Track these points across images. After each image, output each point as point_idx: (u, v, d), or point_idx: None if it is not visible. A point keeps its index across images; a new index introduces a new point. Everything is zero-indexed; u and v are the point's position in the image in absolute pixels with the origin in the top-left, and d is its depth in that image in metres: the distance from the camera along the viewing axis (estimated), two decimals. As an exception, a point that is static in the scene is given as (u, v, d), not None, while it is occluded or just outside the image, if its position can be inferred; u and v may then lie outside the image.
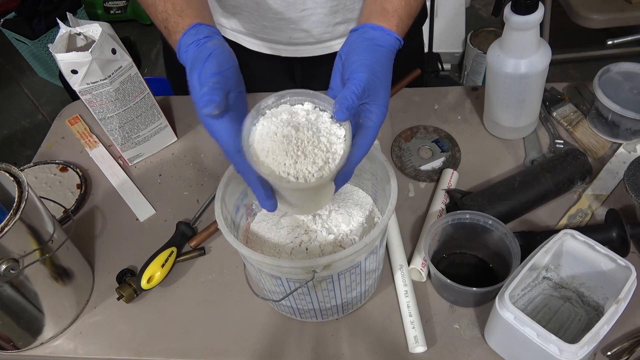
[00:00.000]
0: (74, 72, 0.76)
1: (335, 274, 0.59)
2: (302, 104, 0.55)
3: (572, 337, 0.64)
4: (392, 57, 0.61)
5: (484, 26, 2.11)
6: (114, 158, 0.94)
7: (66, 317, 0.74)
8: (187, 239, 0.80)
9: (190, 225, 0.81)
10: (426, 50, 1.95)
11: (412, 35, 1.02)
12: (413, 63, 1.00)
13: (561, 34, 1.94)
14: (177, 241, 0.79)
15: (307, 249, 0.65)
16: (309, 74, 1.00)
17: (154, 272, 0.74)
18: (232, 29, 0.92)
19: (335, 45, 0.90)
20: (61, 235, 0.70)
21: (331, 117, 0.54)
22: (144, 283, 0.73)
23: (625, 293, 0.57)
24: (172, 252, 0.77)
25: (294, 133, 0.53)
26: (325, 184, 0.55)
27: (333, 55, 0.90)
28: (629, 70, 0.84)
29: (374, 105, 0.57)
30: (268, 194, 0.56)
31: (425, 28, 1.77)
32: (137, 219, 0.85)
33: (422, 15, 1.01)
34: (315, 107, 0.55)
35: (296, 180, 0.52)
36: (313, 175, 0.52)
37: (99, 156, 0.95)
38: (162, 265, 0.75)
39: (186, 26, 0.61)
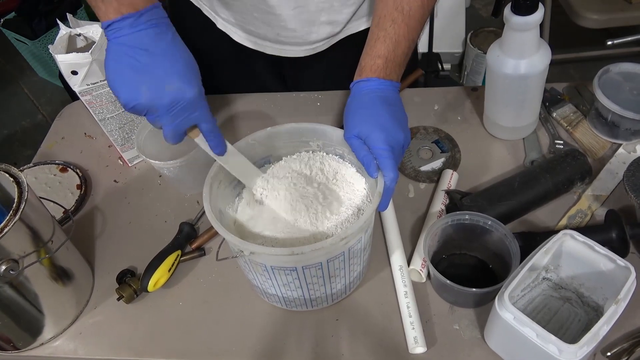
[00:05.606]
0: (74, 73, 0.76)
1: (325, 261, 0.60)
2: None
3: (571, 337, 0.64)
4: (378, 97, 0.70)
5: (484, 26, 2.11)
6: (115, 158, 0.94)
7: (66, 317, 0.74)
8: (190, 240, 0.80)
9: (193, 227, 0.81)
10: (426, 50, 1.96)
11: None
12: (409, 66, 1.00)
13: (561, 34, 1.94)
14: (182, 243, 0.79)
15: (292, 238, 0.65)
16: (298, 74, 1.01)
17: (161, 276, 0.74)
18: (226, 20, 0.92)
19: (319, 47, 0.91)
20: (61, 235, 0.70)
21: None
22: (150, 286, 0.73)
23: (625, 293, 0.57)
24: (178, 255, 0.77)
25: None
26: None
27: (318, 55, 0.92)
28: (628, 70, 0.84)
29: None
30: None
31: (425, 28, 1.77)
32: (136, 221, 0.85)
33: None
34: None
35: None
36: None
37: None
38: (169, 270, 0.75)
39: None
